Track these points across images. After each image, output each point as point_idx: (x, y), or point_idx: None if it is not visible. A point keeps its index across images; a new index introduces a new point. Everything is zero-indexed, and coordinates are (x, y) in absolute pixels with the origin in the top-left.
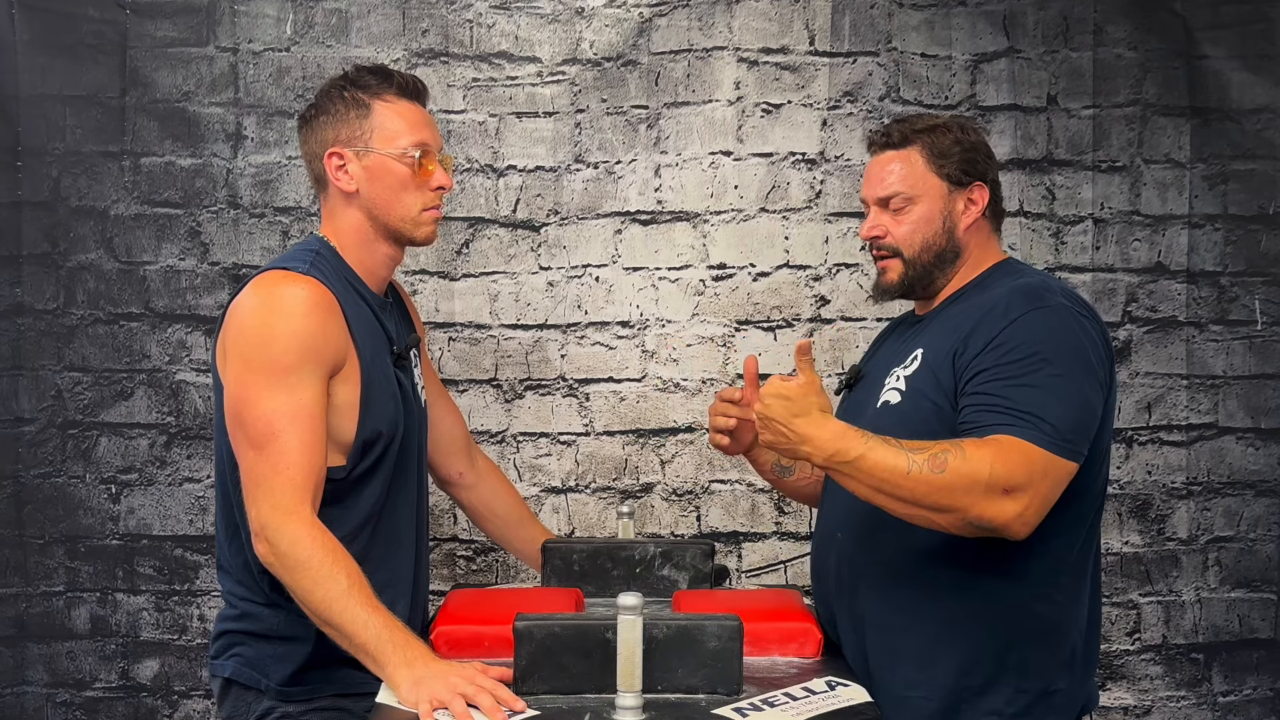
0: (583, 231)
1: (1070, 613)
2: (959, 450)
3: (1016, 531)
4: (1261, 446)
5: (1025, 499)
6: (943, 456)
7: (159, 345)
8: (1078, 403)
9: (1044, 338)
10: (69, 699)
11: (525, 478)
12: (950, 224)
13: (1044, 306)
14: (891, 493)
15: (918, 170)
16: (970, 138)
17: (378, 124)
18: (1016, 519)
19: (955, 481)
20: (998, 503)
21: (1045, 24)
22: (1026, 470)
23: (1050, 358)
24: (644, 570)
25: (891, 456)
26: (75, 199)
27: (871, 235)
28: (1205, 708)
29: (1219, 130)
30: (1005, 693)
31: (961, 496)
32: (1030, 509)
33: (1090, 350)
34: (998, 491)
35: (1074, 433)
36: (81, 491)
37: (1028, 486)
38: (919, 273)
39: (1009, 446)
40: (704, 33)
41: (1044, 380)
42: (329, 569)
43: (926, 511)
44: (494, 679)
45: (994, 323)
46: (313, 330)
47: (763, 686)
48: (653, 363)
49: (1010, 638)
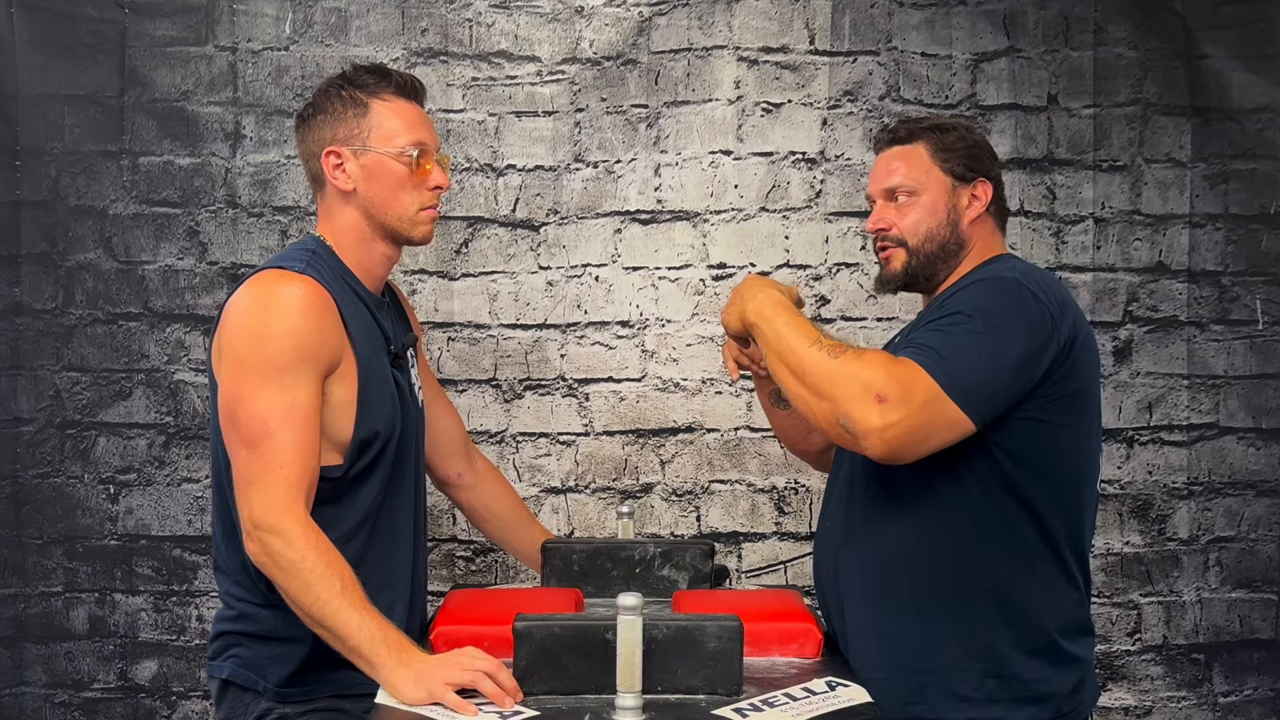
0: (582, 231)
1: (1045, 603)
2: (863, 352)
3: (873, 445)
4: (1262, 446)
5: (894, 415)
6: (844, 349)
7: (158, 345)
8: (988, 361)
9: (977, 303)
10: (67, 699)
11: (525, 478)
12: (954, 217)
13: (995, 279)
14: (787, 361)
15: (922, 163)
16: (974, 136)
17: (375, 123)
18: (878, 430)
19: (841, 369)
20: (866, 405)
21: (1045, 23)
22: (905, 388)
23: (973, 315)
24: (644, 570)
25: (803, 331)
26: (74, 198)
27: (877, 228)
28: (1206, 708)
29: (1219, 130)
30: (970, 678)
31: (841, 387)
32: (897, 427)
33: (1025, 321)
34: (871, 396)
35: (975, 387)
36: (80, 492)
37: (901, 404)
38: (922, 262)
39: (901, 364)
40: (704, 32)
41: (959, 333)
42: (322, 570)
43: (809, 394)
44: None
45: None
46: (308, 329)
47: (763, 687)
48: (653, 363)
49: (977, 622)
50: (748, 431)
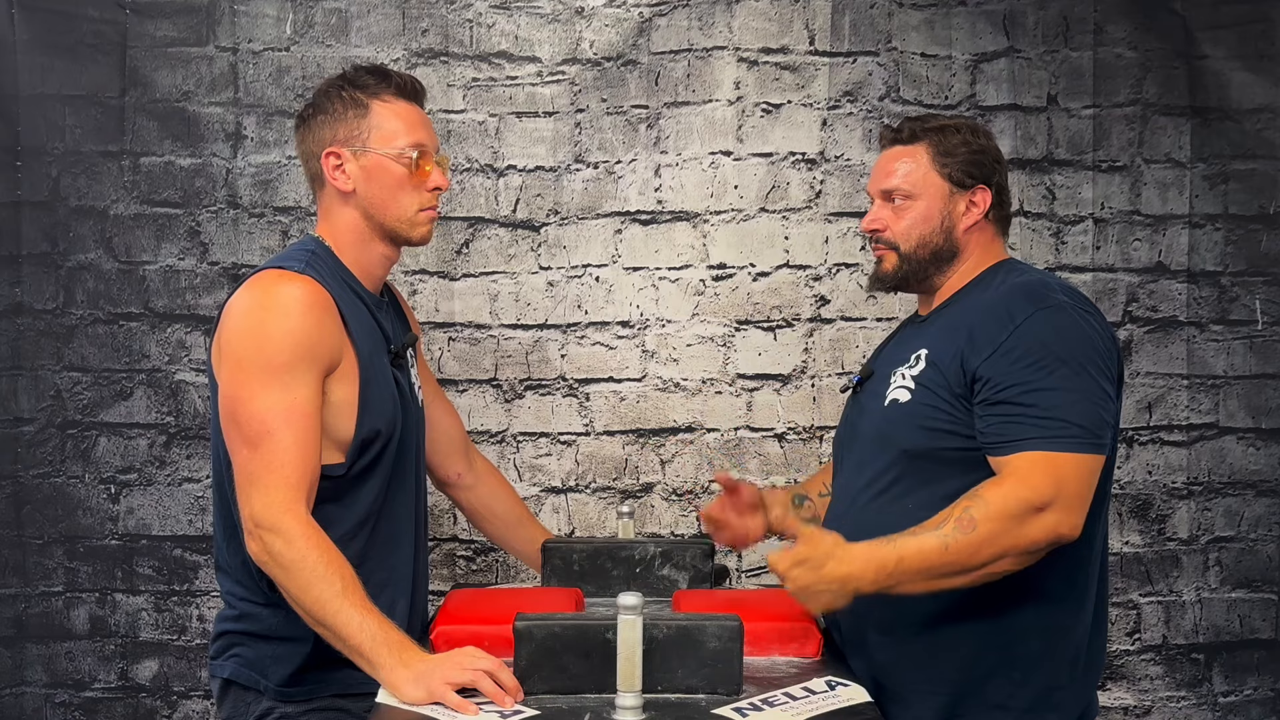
0: (583, 231)
1: (1076, 612)
2: (978, 500)
3: (1068, 536)
4: (1262, 446)
5: (1061, 506)
6: (967, 515)
7: (158, 345)
8: (1094, 397)
9: (1052, 338)
10: (68, 699)
11: (525, 478)
12: (949, 224)
13: (1048, 306)
14: (944, 572)
15: (921, 168)
16: (979, 141)
17: (375, 124)
18: (1062, 525)
19: (989, 530)
20: (1037, 523)
21: (1045, 24)
22: (1051, 481)
23: (1062, 357)
24: (644, 570)
25: (924, 542)
26: (75, 199)
27: (871, 228)
28: (1205, 708)
29: (1219, 130)
30: (1007, 688)
31: (1003, 540)
32: (1071, 512)
33: (1098, 345)
34: (1031, 514)
35: (1096, 426)
36: (81, 491)
37: (1058, 495)
38: (913, 267)
39: (1026, 468)
40: (704, 32)
41: (1059, 381)
42: (322, 569)
43: (984, 571)
44: (494, 661)
45: (999, 326)
46: (308, 329)
47: (763, 686)
48: (653, 363)
49: (1014, 634)
50: (748, 431)
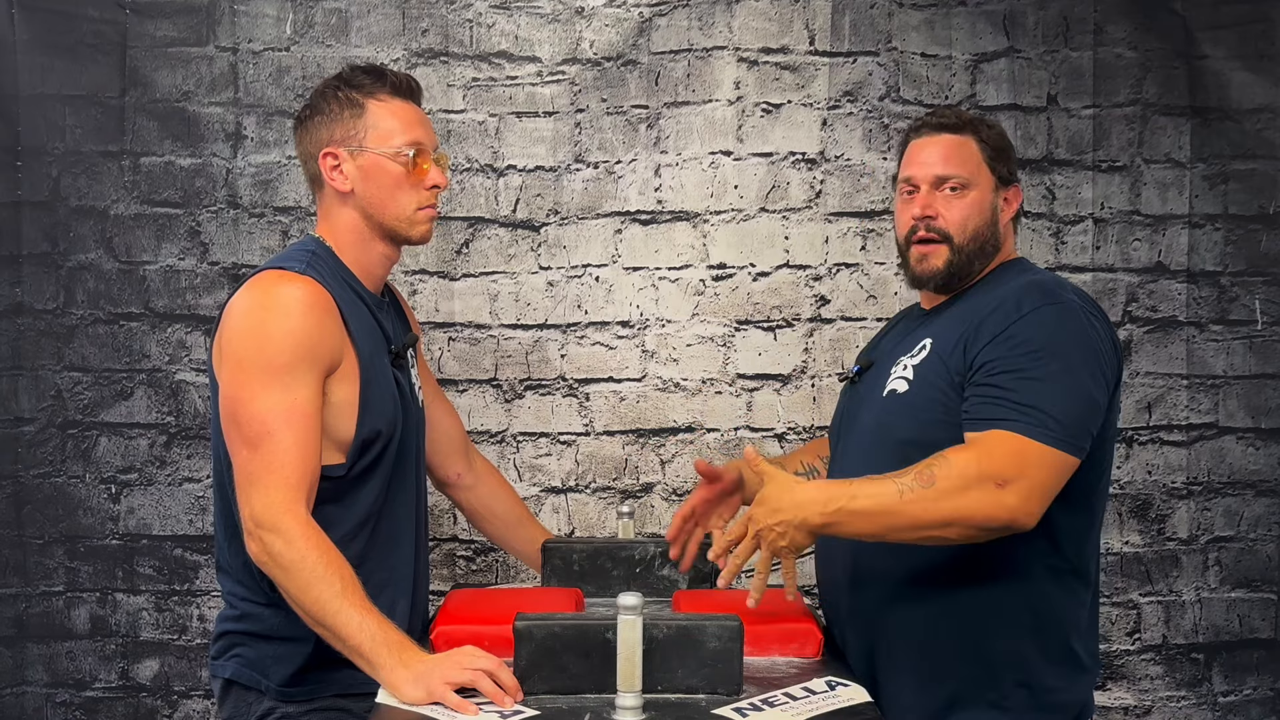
0: (583, 231)
1: (1071, 612)
2: (942, 459)
3: (1023, 523)
4: (1262, 446)
5: (1021, 490)
6: (929, 470)
7: (159, 345)
8: (1081, 398)
9: (1052, 333)
10: (69, 699)
11: (525, 478)
12: (995, 218)
13: (1055, 303)
14: (893, 521)
15: (976, 158)
16: (1006, 139)
17: (372, 123)
18: (1018, 510)
19: (945, 488)
20: (993, 497)
21: (1045, 24)
22: (1017, 462)
23: (1058, 353)
24: (644, 570)
25: (881, 486)
26: (75, 199)
27: (925, 214)
28: (1205, 708)
29: (1219, 130)
30: (1002, 688)
31: (956, 500)
32: (1030, 500)
33: (1098, 348)
34: (989, 487)
35: (1076, 427)
36: (81, 491)
37: (1020, 477)
38: (964, 260)
39: (995, 442)
40: (704, 32)
41: (1048, 374)
42: (322, 570)
43: (932, 530)
44: (494, 660)
45: (1005, 315)
46: (308, 330)
47: (763, 686)
48: (653, 363)
49: (1009, 633)
50: (748, 431)
